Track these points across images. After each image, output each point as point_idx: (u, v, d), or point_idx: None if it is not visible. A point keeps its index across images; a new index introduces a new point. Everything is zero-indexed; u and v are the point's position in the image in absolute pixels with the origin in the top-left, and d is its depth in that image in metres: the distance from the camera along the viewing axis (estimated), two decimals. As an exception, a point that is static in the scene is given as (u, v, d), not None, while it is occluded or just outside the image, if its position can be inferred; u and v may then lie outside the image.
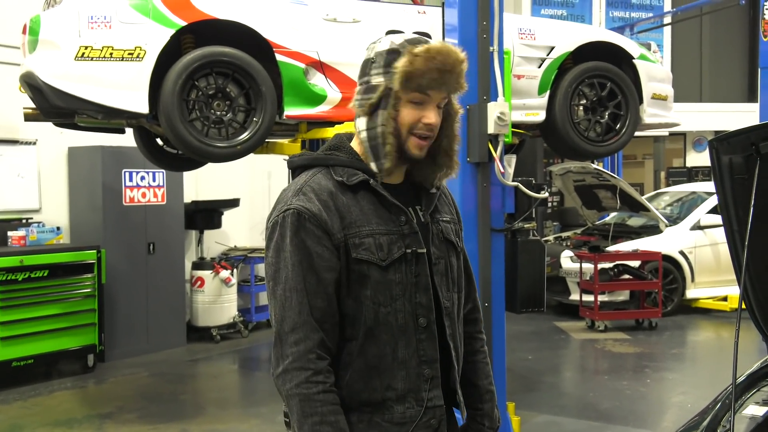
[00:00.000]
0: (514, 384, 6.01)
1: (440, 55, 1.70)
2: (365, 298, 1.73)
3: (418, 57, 1.70)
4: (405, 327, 1.75)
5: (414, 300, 1.76)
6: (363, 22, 5.15)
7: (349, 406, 1.73)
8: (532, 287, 4.90)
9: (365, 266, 1.72)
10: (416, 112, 1.74)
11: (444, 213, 1.91)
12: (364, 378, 1.73)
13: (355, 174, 1.76)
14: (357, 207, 1.74)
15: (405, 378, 1.75)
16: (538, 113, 5.46)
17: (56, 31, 4.56)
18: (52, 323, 6.61)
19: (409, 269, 1.76)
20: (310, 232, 1.69)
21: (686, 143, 15.54)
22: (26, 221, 7.18)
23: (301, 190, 1.74)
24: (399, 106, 1.73)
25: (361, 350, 1.73)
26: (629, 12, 14.10)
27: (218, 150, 4.79)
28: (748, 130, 2.25)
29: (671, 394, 6.39)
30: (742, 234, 2.37)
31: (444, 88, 1.74)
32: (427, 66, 1.70)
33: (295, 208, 1.71)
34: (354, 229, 1.72)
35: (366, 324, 1.73)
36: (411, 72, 1.70)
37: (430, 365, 1.78)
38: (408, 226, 1.78)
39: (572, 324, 8.96)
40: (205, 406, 6.11)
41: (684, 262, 9.37)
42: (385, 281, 1.73)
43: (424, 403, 1.76)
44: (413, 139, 1.75)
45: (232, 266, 8.32)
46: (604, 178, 8.89)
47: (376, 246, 1.72)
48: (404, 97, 1.73)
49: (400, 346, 1.74)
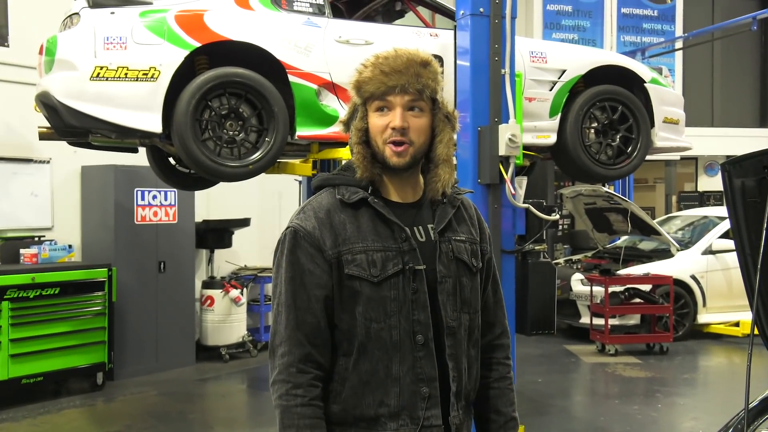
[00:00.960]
0: (523, 407, 5.96)
1: (388, 60, 1.76)
2: (358, 314, 1.75)
3: (367, 67, 1.78)
4: (400, 344, 1.75)
5: (411, 317, 1.76)
6: (375, 44, 5.19)
7: (345, 421, 1.76)
8: (543, 309, 4.88)
9: (357, 282, 1.75)
10: (383, 119, 1.78)
11: (461, 232, 1.89)
12: (358, 393, 1.75)
13: (356, 192, 1.80)
14: (354, 224, 1.77)
15: (398, 395, 1.75)
16: (550, 136, 5.47)
17: (72, 52, 4.62)
18: (62, 341, 6.63)
19: (406, 286, 1.76)
20: (305, 250, 1.75)
21: (698, 167, 15.50)
22: (39, 239, 7.23)
23: (303, 210, 1.82)
24: (367, 118, 1.79)
25: (355, 365, 1.76)
26: (641, 37, 14.14)
27: (230, 169, 4.82)
28: (760, 154, 2.26)
29: (682, 420, 6.32)
30: (754, 258, 2.36)
31: (399, 89, 1.75)
32: (374, 73, 1.76)
33: (293, 227, 1.79)
34: (347, 245, 1.75)
35: (359, 339, 1.75)
36: (360, 81, 1.79)
37: (428, 384, 1.77)
38: (407, 243, 1.78)
39: (582, 347, 8.90)
40: (214, 425, 6.09)
41: (695, 287, 9.30)
42: (379, 297, 1.75)
43: (420, 422, 1.75)
44: (388, 147, 1.78)
45: (242, 285, 8.33)
46: (615, 202, 8.88)
47: (368, 262, 1.75)
48: (369, 109, 1.79)
49: (394, 363, 1.75)
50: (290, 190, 8.97)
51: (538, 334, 5.08)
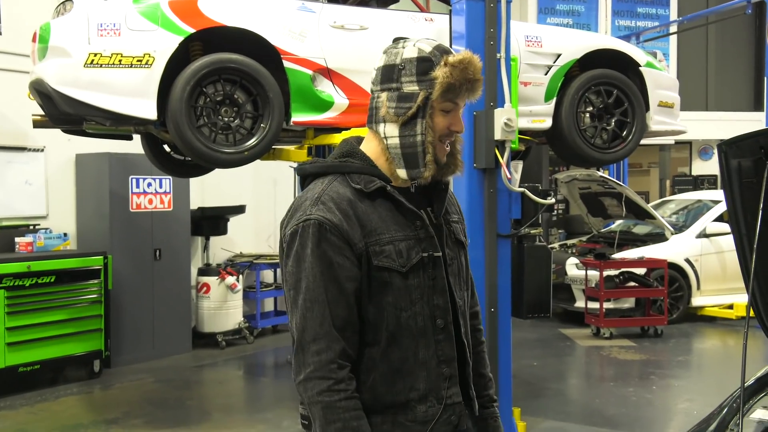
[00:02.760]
0: (519, 390, 6.00)
1: (471, 66, 1.75)
2: (387, 305, 1.75)
3: (456, 68, 1.74)
4: (424, 329, 1.79)
5: (432, 302, 1.80)
6: (370, 29, 5.18)
7: (373, 408, 1.76)
8: (538, 293, 4.91)
9: (386, 273, 1.75)
10: (446, 120, 1.79)
11: (453, 213, 1.95)
12: (388, 381, 1.77)
13: (372, 181, 1.78)
14: (376, 214, 1.76)
15: (426, 378, 1.79)
16: (545, 120, 5.47)
17: (66, 39, 4.60)
18: (59, 329, 6.63)
19: (426, 273, 1.79)
20: (332, 243, 1.71)
21: (692, 152, 15.54)
22: (34, 227, 7.22)
23: (320, 200, 1.75)
24: (433, 114, 1.78)
25: (384, 354, 1.76)
26: (635, 21, 14.13)
27: (226, 156, 4.81)
28: (757, 134, 2.26)
29: (677, 401, 6.37)
30: (750, 238, 2.37)
31: (471, 96, 1.80)
32: (463, 77, 1.75)
33: (316, 219, 1.72)
34: (375, 236, 1.74)
35: (388, 329, 1.76)
36: (451, 83, 1.74)
37: (449, 364, 1.82)
38: (424, 230, 1.80)
39: (577, 331, 8.95)
40: (211, 411, 6.12)
41: (690, 270, 9.35)
42: (405, 286, 1.76)
43: (444, 401, 1.80)
44: (440, 146, 1.81)
45: (237, 272, 8.34)
46: (609, 186, 8.90)
47: (396, 253, 1.75)
48: (438, 106, 1.77)
49: (421, 348, 1.78)
50: (285, 176, 8.97)
51: (533, 318, 5.11)
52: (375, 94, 1.83)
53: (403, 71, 1.77)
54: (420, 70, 1.75)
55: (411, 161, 1.78)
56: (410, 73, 1.76)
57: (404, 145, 1.78)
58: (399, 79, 1.77)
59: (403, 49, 1.79)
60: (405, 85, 1.77)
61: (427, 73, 1.75)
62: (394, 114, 1.77)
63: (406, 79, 1.76)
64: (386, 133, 1.80)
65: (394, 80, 1.78)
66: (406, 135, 1.77)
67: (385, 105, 1.79)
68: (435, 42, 1.80)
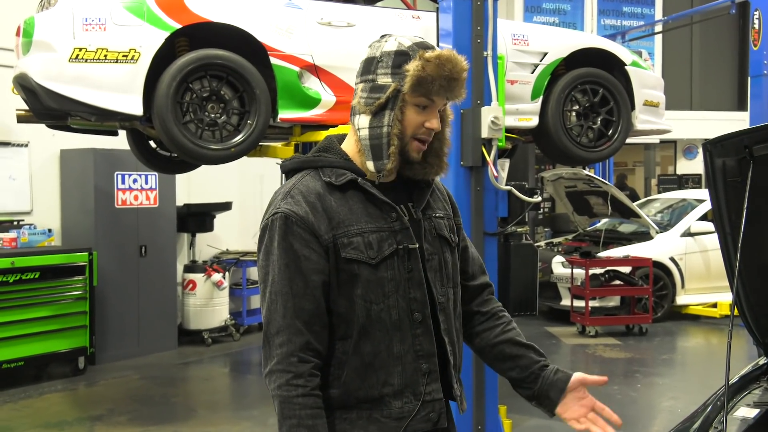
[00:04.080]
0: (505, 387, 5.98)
1: (449, 63, 1.74)
2: (357, 297, 1.74)
3: (430, 63, 1.73)
4: (399, 323, 1.77)
5: (408, 296, 1.78)
6: (357, 26, 5.17)
7: (348, 403, 1.75)
8: (525, 291, 4.93)
9: (355, 265, 1.74)
10: (420, 117, 1.77)
11: (437, 209, 1.92)
12: (361, 375, 1.75)
13: (343, 174, 1.78)
14: (345, 206, 1.76)
15: (401, 373, 1.76)
16: (531, 118, 5.50)
17: (50, 33, 4.57)
18: (43, 325, 6.58)
19: (401, 265, 1.78)
20: (298, 235, 1.71)
21: (676, 151, 15.64)
22: (17, 223, 7.15)
23: (289, 193, 1.76)
24: (405, 108, 1.77)
25: (356, 348, 1.75)
26: (621, 20, 14.20)
27: (212, 152, 4.80)
28: (741, 133, 2.26)
29: (661, 399, 6.42)
30: (734, 237, 2.37)
31: (449, 95, 1.77)
32: (438, 73, 1.73)
33: (282, 212, 1.73)
34: (342, 228, 1.74)
35: (359, 322, 1.74)
36: (423, 77, 1.73)
37: (428, 359, 1.79)
38: (399, 222, 1.79)
39: (563, 329, 8.99)
40: (197, 408, 6.10)
41: (674, 269, 9.42)
42: (376, 279, 1.75)
43: (422, 397, 1.78)
44: (414, 142, 1.79)
45: (224, 269, 8.31)
46: (595, 185, 8.95)
47: (365, 244, 1.74)
48: (410, 101, 1.76)
49: (395, 342, 1.76)
50: (272, 173, 8.93)
51: (520, 316, 5.13)
52: (355, 88, 1.84)
53: (380, 63, 1.77)
54: (395, 63, 1.76)
55: (376, 153, 1.78)
56: (386, 65, 1.76)
57: (372, 136, 1.78)
58: (375, 71, 1.78)
59: (384, 43, 1.79)
60: (379, 77, 1.77)
61: (401, 66, 1.75)
62: (365, 104, 1.78)
63: (381, 71, 1.77)
64: (358, 124, 1.80)
65: (371, 72, 1.79)
66: (374, 126, 1.77)
67: (359, 95, 1.80)
68: (420, 39, 1.80)
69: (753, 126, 2.68)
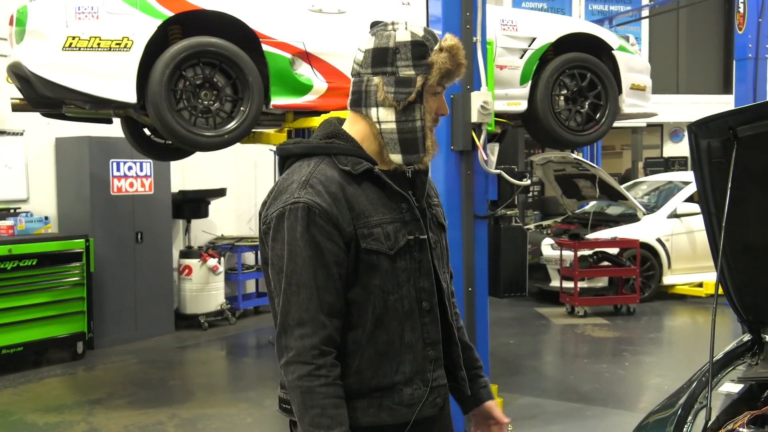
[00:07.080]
0: (496, 367, 6.14)
1: (461, 51, 1.77)
2: (374, 287, 1.74)
3: (451, 53, 1.75)
4: (410, 312, 1.79)
5: (417, 285, 1.80)
6: (348, 13, 5.23)
7: (360, 392, 1.76)
8: (515, 272, 5.01)
9: (374, 256, 1.73)
10: (434, 104, 1.80)
11: (433, 196, 1.95)
12: (375, 364, 1.76)
13: (359, 162, 1.76)
14: (364, 196, 1.75)
15: (412, 361, 1.79)
16: (520, 103, 5.58)
17: (43, 22, 4.60)
18: (41, 311, 6.66)
19: (412, 256, 1.79)
20: (321, 228, 1.68)
21: (663, 134, 15.76)
22: (14, 211, 7.21)
23: (308, 182, 1.71)
24: (428, 99, 1.78)
25: (371, 338, 1.75)
26: (608, 5, 14.26)
27: (206, 139, 4.86)
28: (726, 115, 2.29)
29: (649, 377, 6.56)
30: (719, 217, 2.39)
31: (454, 80, 1.82)
32: (456, 62, 1.76)
33: (305, 202, 1.69)
34: (363, 219, 1.73)
35: (375, 312, 1.75)
36: (450, 70, 1.76)
37: (434, 347, 1.83)
38: (409, 213, 1.80)
39: (552, 310, 9.12)
40: (194, 391, 6.20)
41: (661, 250, 9.54)
42: (393, 269, 1.75)
43: (430, 384, 1.81)
44: (431, 130, 1.82)
45: (219, 255, 8.39)
46: (583, 168, 9.04)
47: (384, 235, 1.74)
48: (427, 91, 1.77)
49: (407, 331, 1.78)
50: (266, 159, 9.00)
51: (510, 297, 5.22)
52: (364, 77, 1.78)
53: (398, 55, 1.74)
54: (415, 54, 1.74)
55: (410, 147, 1.77)
56: (406, 57, 1.74)
57: (402, 130, 1.76)
58: (394, 63, 1.75)
59: (395, 32, 1.76)
60: (401, 70, 1.74)
61: (424, 58, 1.74)
62: (393, 99, 1.75)
63: (402, 63, 1.74)
64: (380, 118, 1.77)
65: (389, 64, 1.75)
66: (404, 120, 1.76)
67: (382, 89, 1.75)
68: (423, 26, 1.82)
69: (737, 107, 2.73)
